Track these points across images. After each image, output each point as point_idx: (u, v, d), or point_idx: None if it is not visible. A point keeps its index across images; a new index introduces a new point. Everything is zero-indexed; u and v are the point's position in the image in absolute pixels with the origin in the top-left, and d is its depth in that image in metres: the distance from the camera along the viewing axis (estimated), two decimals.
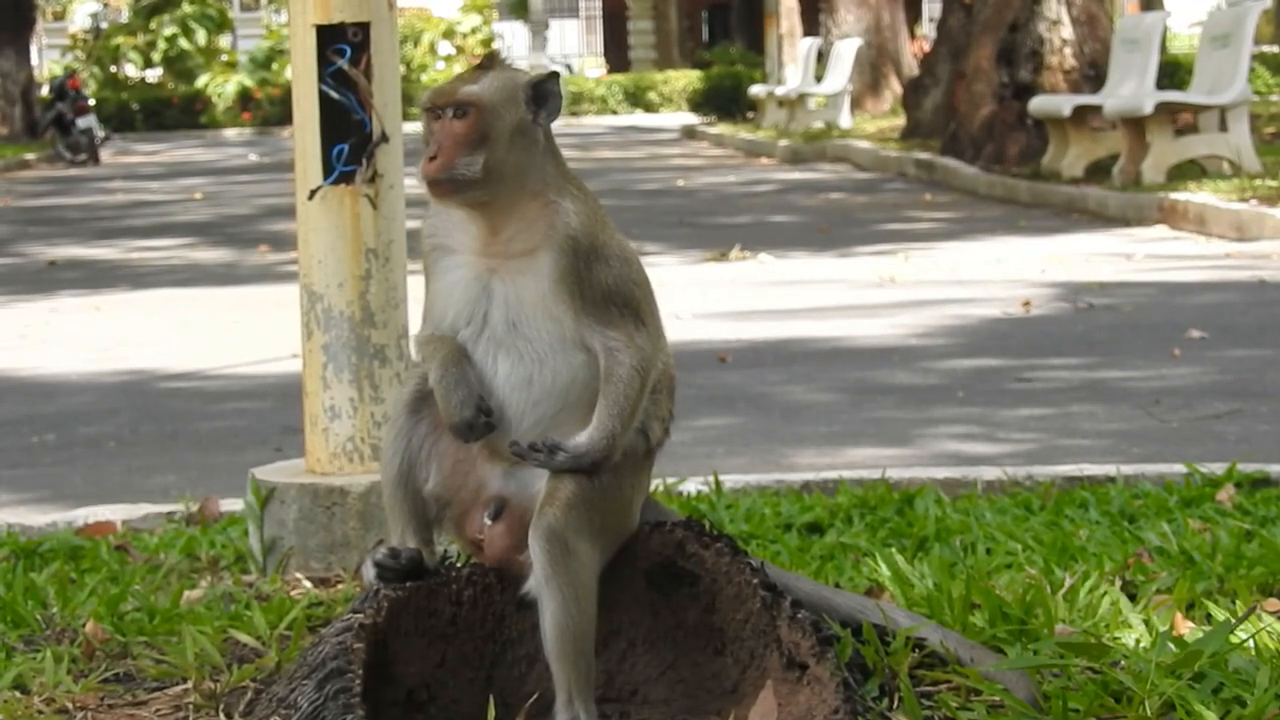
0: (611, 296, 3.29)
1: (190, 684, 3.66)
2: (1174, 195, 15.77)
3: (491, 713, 3.28)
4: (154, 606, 4.18)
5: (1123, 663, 3.44)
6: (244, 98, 46.69)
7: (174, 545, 5.18)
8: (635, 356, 3.28)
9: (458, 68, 46.79)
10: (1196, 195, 15.61)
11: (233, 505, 5.68)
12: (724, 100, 43.59)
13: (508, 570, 3.37)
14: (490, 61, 3.36)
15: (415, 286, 3.71)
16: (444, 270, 3.35)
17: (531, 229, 3.29)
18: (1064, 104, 18.51)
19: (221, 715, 3.55)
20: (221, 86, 46.85)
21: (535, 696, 3.38)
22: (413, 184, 5.32)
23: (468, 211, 3.32)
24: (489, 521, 3.35)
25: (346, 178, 4.71)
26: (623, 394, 3.26)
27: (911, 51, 34.09)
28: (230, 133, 44.94)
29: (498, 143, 3.28)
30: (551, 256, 3.28)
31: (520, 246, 3.29)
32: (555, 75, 3.37)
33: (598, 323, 3.28)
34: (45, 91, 37.68)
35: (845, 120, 30.62)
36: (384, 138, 4.73)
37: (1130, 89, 17.91)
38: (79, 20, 57.05)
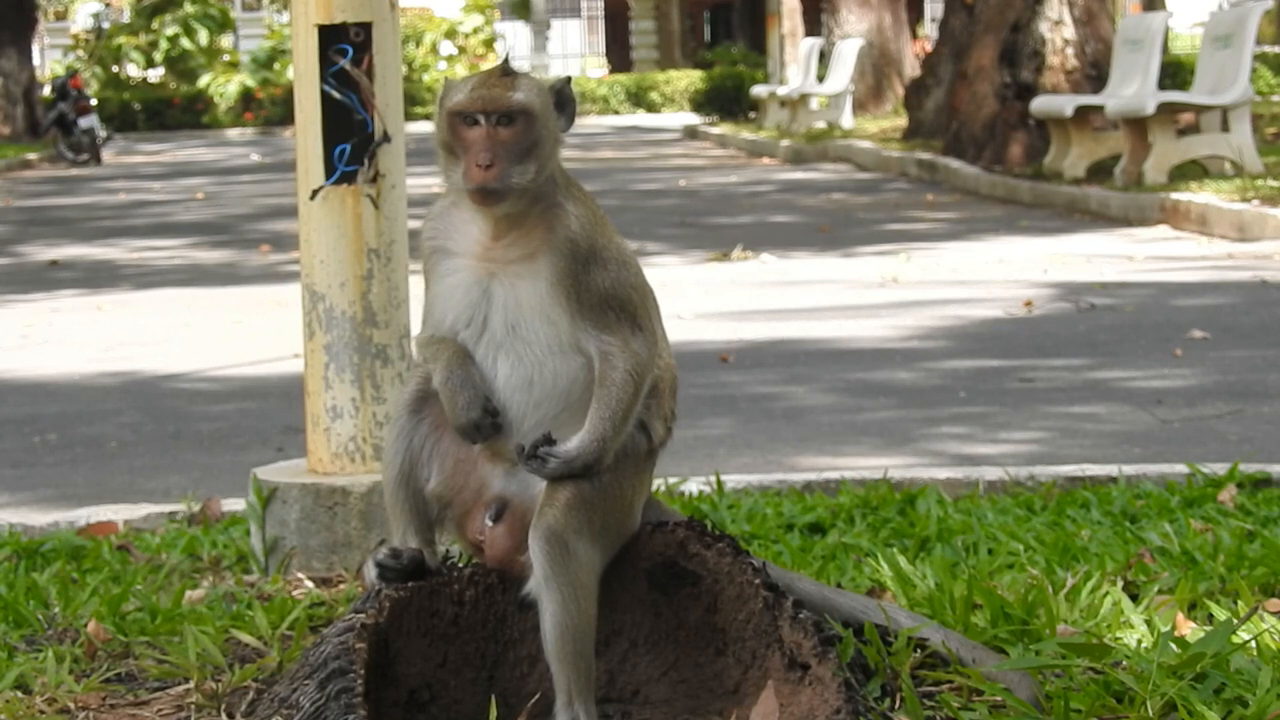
0: (608, 300, 3.29)
1: (192, 684, 3.67)
2: (1176, 195, 15.77)
3: (493, 713, 3.28)
4: (156, 606, 4.18)
5: (1125, 663, 3.44)
6: (246, 98, 46.68)
7: (176, 545, 5.19)
8: (630, 361, 3.28)
9: (460, 68, 46.76)
10: (1198, 195, 15.61)
11: (234, 505, 5.68)
12: (726, 100, 43.62)
13: (509, 571, 3.37)
14: (509, 67, 3.35)
15: (417, 286, 3.71)
16: (444, 273, 3.35)
17: (532, 233, 3.30)
18: (1066, 104, 18.51)
19: (223, 715, 3.55)
20: (223, 86, 46.84)
21: (537, 697, 3.38)
22: (415, 183, 5.32)
23: (476, 215, 3.32)
24: (490, 523, 3.35)
25: (348, 178, 4.72)
26: (615, 398, 3.27)
27: (913, 52, 34.09)
28: (232, 133, 44.94)
29: (543, 149, 3.29)
30: (550, 260, 3.28)
31: (520, 250, 3.30)
32: (569, 80, 3.38)
33: (594, 326, 3.28)
34: (47, 91, 37.63)
35: (847, 120, 30.63)
36: (386, 138, 4.73)
37: (1132, 89, 17.91)
38: (81, 20, 56.99)
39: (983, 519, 5.12)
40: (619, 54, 59.43)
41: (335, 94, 4.71)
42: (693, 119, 42.48)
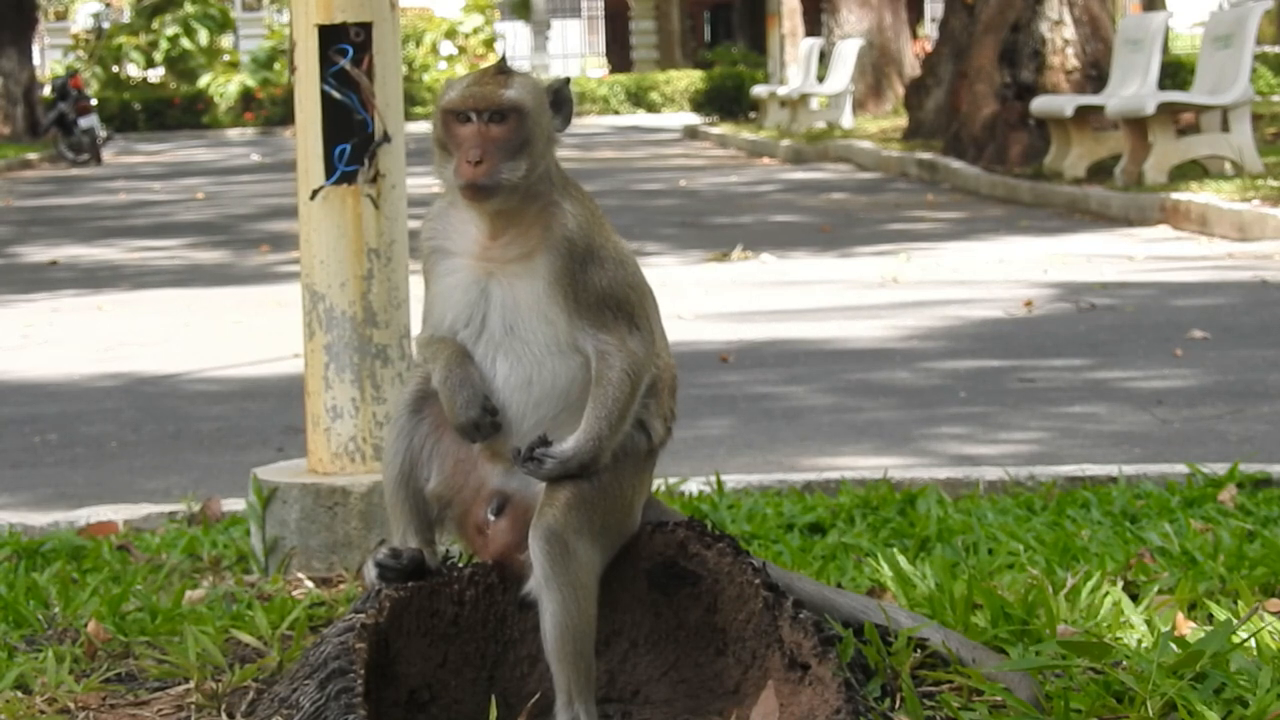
0: (605, 299, 3.29)
1: (192, 684, 3.67)
2: (1176, 195, 15.77)
3: (493, 713, 3.28)
4: (156, 606, 4.18)
5: (1125, 663, 3.44)
6: (246, 98, 46.68)
7: (176, 545, 5.19)
8: (627, 360, 3.28)
9: (460, 68, 46.75)
10: (1199, 195, 15.61)
11: (235, 505, 5.68)
12: (726, 100, 43.62)
13: (509, 568, 3.37)
14: (505, 66, 3.36)
15: (417, 286, 3.71)
16: (443, 273, 3.35)
17: (529, 232, 3.30)
18: (1066, 104, 18.51)
19: (223, 715, 3.55)
20: (223, 86, 46.84)
21: (537, 697, 3.38)
22: (415, 183, 5.31)
23: (473, 214, 3.32)
24: (492, 517, 3.35)
25: (348, 178, 4.72)
26: (612, 397, 3.27)
27: (913, 52, 34.08)
28: (232, 133, 44.93)
29: (535, 147, 3.30)
30: (548, 259, 3.28)
31: (518, 249, 3.30)
32: (568, 81, 3.39)
33: (591, 325, 3.28)
34: (47, 91, 37.60)
35: (847, 120, 30.63)
36: (386, 137, 4.73)
37: (1132, 89, 17.91)
38: (81, 20, 56.97)
39: (983, 519, 5.12)
40: (619, 54, 59.43)
41: (335, 94, 4.71)
42: (693, 119, 42.48)
